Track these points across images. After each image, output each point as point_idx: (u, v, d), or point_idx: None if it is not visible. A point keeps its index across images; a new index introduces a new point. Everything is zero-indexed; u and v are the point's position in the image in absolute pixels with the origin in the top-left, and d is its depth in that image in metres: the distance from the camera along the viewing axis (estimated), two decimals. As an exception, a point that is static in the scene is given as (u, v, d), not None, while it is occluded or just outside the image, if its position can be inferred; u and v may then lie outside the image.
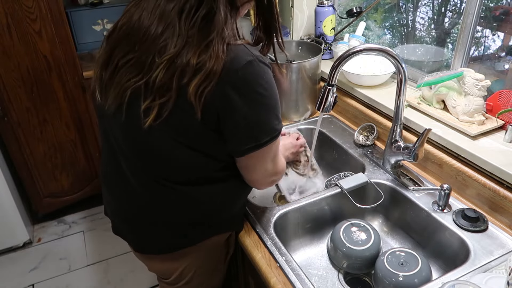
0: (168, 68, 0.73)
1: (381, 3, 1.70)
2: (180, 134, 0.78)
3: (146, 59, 0.75)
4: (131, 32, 0.78)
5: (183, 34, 0.73)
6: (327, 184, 1.25)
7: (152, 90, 0.74)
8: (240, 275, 1.20)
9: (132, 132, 0.81)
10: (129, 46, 0.78)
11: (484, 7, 1.22)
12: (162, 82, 0.73)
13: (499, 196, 0.97)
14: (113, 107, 0.81)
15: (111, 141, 0.89)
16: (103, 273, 1.99)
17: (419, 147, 1.00)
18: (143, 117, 0.76)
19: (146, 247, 0.96)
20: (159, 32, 0.74)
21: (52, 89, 1.96)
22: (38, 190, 2.15)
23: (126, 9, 0.82)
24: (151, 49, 0.74)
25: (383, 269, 0.92)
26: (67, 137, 2.11)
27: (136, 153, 0.84)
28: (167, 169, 0.84)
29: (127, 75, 0.77)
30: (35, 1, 1.75)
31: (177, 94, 0.73)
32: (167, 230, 0.91)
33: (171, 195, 0.86)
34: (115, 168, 0.91)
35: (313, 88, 1.45)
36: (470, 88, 1.09)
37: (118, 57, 0.79)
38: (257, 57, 0.76)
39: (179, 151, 0.80)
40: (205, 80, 0.72)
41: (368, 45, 1.01)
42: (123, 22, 0.81)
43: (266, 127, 0.80)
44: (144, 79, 0.75)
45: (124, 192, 0.91)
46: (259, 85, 0.76)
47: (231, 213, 0.96)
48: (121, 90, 0.78)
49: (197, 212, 0.90)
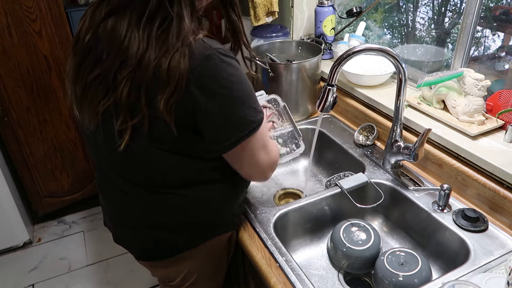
0: (131, 84, 0.71)
1: (381, 3, 1.70)
2: (161, 143, 0.77)
3: (109, 75, 0.73)
4: (93, 44, 0.77)
5: (143, 42, 0.70)
6: (327, 184, 1.25)
7: (122, 110, 0.73)
8: (240, 275, 1.20)
9: (114, 149, 0.80)
10: (94, 61, 0.76)
11: (484, 7, 1.22)
12: (129, 101, 0.71)
13: (499, 196, 0.97)
14: (91, 126, 0.81)
15: (96, 155, 0.90)
16: (103, 273, 1.99)
17: (419, 147, 1.00)
18: (117, 138, 0.75)
19: (148, 255, 0.95)
20: (120, 42, 0.71)
21: (52, 89, 1.96)
22: (38, 190, 2.15)
23: (85, 16, 0.80)
24: (114, 63, 0.72)
25: (383, 269, 0.92)
26: (67, 137, 2.11)
27: (124, 167, 0.84)
28: (157, 177, 0.83)
29: (97, 96, 0.76)
30: (35, 1, 1.75)
31: (148, 110, 0.71)
32: (167, 235, 0.90)
33: (167, 200, 0.86)
34: (108, 180, 0.91)
35: (313, 88, 1.45)
36: (470, 88, 1.09)
37: (86, 73, 0.78)
38: (217, 49, 0.72)
39: (164, 158, 0.80)
40: (174, 93, 0.69)
41: (368, 45, 1.01)
42: (84, 33, 0.78)
43: (241, 121, 0.77)
44: (112, 99, 0.74)
45: (120, 202, 0.91)
46: (223, 79, 0.72)
47: (231, 212, 0.96)
48: (95, 111, 0.77)
49: (196, 214, 0.89)
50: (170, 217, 0.88)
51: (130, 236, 0.95)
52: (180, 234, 0.91)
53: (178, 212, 0.88)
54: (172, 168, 0.82)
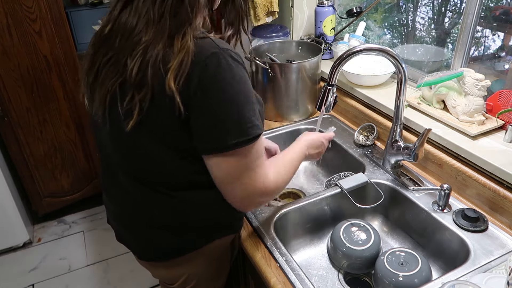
0: (142, 61, 0.71)
1: (381, 3, 1.70)
2: (162, 135, 0.77)
3: (122, 57, 0.74)
4: (110, 33, 0.78)
5: (156, 23, 0.71)
6: (327, 184, 1.25)
7: (130, 87, 0.73)
8: (240, 275, 1.20)
9: (118, 139, 0.80)
10: (108, 46, 0.77)
11: (484, 7, 1.22)
12: (138, 76, 0.71)
13: (499, 196, 0.97)
14: (99, 113, 0.80)
15: (104, 151, 0.89)
16: (103, 273, 1.99)
17: (419, 147, 1.00)
18: (123, 119, 0.75)
19: (151, 254, 0.94)
20: (133, 26, 0.73)
21: (52, 89, 1.96)
22: (38, 190, 2.15)
23: (107, 16, 0.82)
24: (128, 44, 0.73)
25: (383, 269, 0.92)
26: (67, 137, 2.11)
27: (127, 162, 0.84)
28: (160, 175, 0.83)
29: (108, 76, 0.76)
30: (35, 1, 1.75)
31: (153, 86, 0.71)
32: (169, 236, 0.90)
33: (170, 201, 0.86)
34: (112, 178, 0.91)
35: (313, 88, 1.45)
36: (470, 88, 1.09)
37: (99, 60, 0.78)
38: (224, 50, 0.72)
39: (166, 155, 0.79)
40: (180, 67, 0.69)
41: (368, 45, 1.01)
42: (102, 27, 0.80)
43: (233, 127, 0.72)
44: (121, 78, 0.74)
45: (124, 201, 0.91)
46: (223, 79, 0.71)
47: (233, 215, 0.95)
48: (103, 94, 0.77)
49: (199, 217, 0.89)
50: (172, 218, 0.88)
51: (133, 236, 0.95)
52: (183, 235, 0.90)
53: (181, 214, 0.87)
54: (176, 169, 0.82)
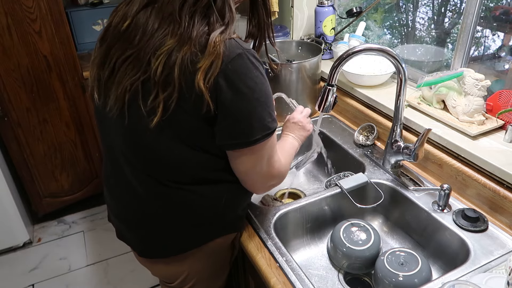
0: (167, 60, 0.72)
1: (381, 3, 1.70)
2: (181, 133, 0.78)
3: (144, 56, 0.74)
4: (127, 30, 0.78)
5: (183, 25, 0.72)
6: (327, 184, 1.25)
7: (154, 86, 0.73)
8: (240, 275, 1.20)
9: (134, 135, 0.81)
10: (126, 44, 0.77)
11: (484, 7, 1.22)
12: (163, 75, 0.72)
13: (499, 196, 0.97)
14: (115, 109, 0.80)
15: (112, 145, 0.88)
16: (103, 273, 1.99)
17: (419, 147, 1.00)
18: (146, 116, 0.75)
19: (152, 251, 0.94)
20: (156, 27, 0.74)
21: (52, 89, 1.96)
22: (38, 190, 2.15)
23: (118, 9, 0.82)
24: (150, 44, 0.74)
25: (383, 269, 0.92)
26: (67, 137, 2.11)
27: (139, 156, 0.84)
28: (170, 169, 0.83)
29: (127, 74, 0.76)
30: (35, 1, 1.75)
31: (180, 85, 0.72)
32: (172, 232, 0.90)
33: (176, 196, 0.86)
34: (118, 173, 0.90)
35: (313, 88, 1.45)
36: (470, 88, 1.09)
37: (116, 56, 0.78)
38: (247, 51, 0.75)
39: (180, 150, 0.80)
40: (210, 67, 0.71)
41: (368, 45, 1.01)
42: (117, 22, 0.80)
43: (257, 123, 0.78)
44: (143, 77, 0.74)
45: (128, 197, 0.91)
46: (249, 78, 0.75)
47: (236, 214, 0.95)
48: (122, 91, 0.77)
49: (202, 213, 0.89)
50: (175, 214, 0.88)
51: (134, 232, 0.95)
52: (184, 232, 0.90)
53: (184, 209, 0.87)
54: (187, 162, 0.82)
